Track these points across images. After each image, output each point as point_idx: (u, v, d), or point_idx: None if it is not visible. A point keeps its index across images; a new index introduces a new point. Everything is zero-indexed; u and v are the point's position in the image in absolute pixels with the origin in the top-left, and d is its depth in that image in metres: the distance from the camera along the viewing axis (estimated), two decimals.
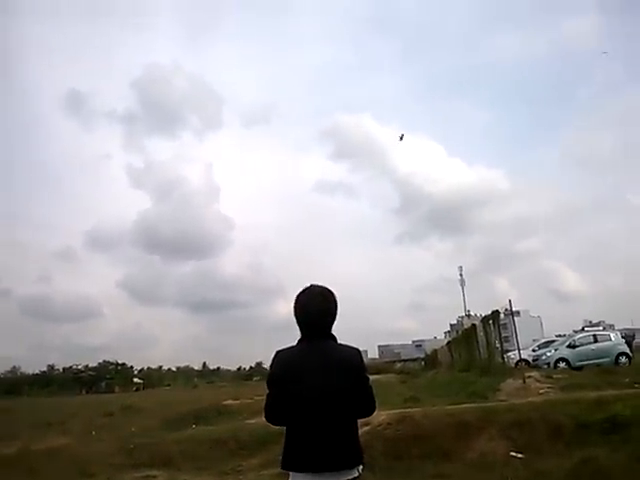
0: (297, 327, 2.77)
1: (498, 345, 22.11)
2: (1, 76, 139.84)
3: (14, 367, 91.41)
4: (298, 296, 2.81)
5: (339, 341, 2.78)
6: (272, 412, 2.76)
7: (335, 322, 2.80)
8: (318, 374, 2.62)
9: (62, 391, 73.18)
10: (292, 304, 2.81)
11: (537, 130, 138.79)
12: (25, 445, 12.32)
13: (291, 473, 2.63)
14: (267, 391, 2.78)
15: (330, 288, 2.86)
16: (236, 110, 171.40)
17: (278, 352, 2.77)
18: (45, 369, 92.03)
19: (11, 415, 24.38)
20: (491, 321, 22.26)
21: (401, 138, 60.13)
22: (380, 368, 44.18)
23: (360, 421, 2.78)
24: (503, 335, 22.67)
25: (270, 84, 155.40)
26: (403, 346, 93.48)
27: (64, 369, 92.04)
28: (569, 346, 22.24)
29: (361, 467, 2.65)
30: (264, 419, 2.86)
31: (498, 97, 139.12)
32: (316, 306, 2.75)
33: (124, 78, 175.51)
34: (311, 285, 2.84)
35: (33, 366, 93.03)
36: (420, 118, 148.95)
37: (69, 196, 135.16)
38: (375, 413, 2.91)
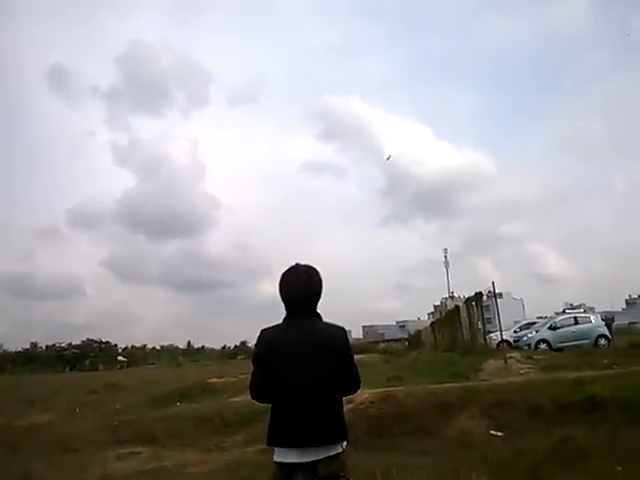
0: (282, 306, 2.76)
1: (480, 326, 22.38)
2: None
3: None
4: (283, 275, 2.79)
5: (324, 320, 2.78)
6: (257, 391, 2.76)
7: (320, 301, 2.79)
8: (304, 356, 2.62)
9: (45, 369, 73.05)
10: (277, 283, 2.80)
11: (524, 115, 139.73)
12: (8, 421, 12.29)
13: (276, 449, 2.65)
14: (252, 369, 2.77)
15: (315, 267, 2.84)
16: (223, 89, 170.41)
17: (263, 331, 2.76)
18: (28, 347, 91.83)
19: None
20: (474, 303, 22.52)
21: (388, 159, 61.23)
22: (364, 348, 44.29)
23: (343, 399, 2.78)
24: (485, 316, 22.97)
25: (258, 64, 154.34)
26: (387, 327, 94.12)
27: (47, 347, 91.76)
28: (550, 328, 22.56)
29: (345, 443, 2.67)
30: (249, 397, 2.87)
31: (486, 81, 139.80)
32: (301, 284, 2.73)
33: (109, 54, 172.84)
34: (296, 264, 2.82)
35: (16, 344, 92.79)
36: (408, 100, 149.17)
37: (52, 173, 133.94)
38: (359, 392, 2.92)
